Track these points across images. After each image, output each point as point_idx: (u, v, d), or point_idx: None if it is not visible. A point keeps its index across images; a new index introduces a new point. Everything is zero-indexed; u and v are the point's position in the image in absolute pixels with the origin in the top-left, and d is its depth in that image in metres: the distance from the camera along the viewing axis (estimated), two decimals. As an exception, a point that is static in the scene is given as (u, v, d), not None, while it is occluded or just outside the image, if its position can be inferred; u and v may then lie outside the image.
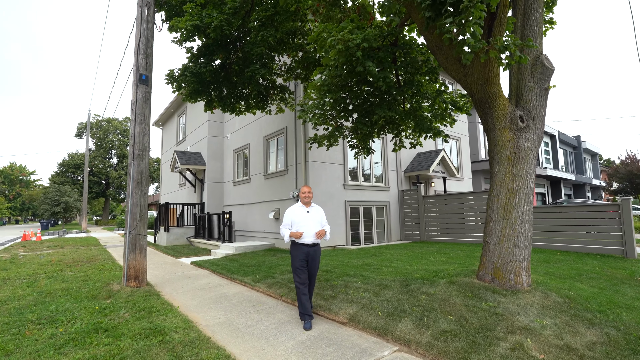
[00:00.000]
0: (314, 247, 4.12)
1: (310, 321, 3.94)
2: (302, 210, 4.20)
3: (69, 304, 5.01)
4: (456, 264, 6.41)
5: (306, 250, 4.05)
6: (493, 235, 4.47)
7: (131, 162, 6.10)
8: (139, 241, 5.95)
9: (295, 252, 4.09)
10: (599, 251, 7.56)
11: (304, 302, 3.97)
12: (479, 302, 3.90)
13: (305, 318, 3.95)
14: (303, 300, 3.98)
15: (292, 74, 7.91)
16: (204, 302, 5.20)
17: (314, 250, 4.11)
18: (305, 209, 4.21)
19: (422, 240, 11.39)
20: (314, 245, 4.13)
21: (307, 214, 4.17)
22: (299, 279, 4.00)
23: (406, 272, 5.63)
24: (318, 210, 4.31)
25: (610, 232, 7.76)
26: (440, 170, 12.99)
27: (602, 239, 7.75)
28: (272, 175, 11.48)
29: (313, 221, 4.13)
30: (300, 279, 4.00)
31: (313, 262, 4.11)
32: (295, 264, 4.04)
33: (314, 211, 4.25)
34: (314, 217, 4.17)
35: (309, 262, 4.08)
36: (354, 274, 5.87)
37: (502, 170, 4.39)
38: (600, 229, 7.89)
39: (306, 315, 3.95)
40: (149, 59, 6.51)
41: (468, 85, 4.15)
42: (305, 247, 4.06)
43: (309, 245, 4.07)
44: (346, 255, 8.28)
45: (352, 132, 5.98)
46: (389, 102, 5.01)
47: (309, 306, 4.01)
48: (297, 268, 4.02)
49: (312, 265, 4.11)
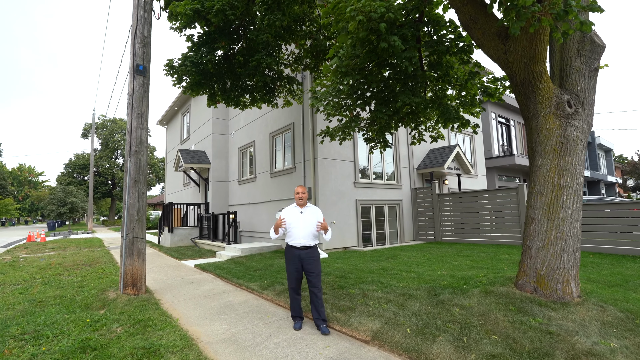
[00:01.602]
0: (306, 250, 3.83)
1: (300, 322, 3.92)
2: (295, 211, 3.98)
3: (60, 314, 4.55)
4: (484, 268, 5.83)
5: (297, 253, 3.84)
6: (535, 238, 3.89)
7: (128, 160, 5.63)
8: (136, 245, 5.47)
9: (287, 254, 3.94)
10: (635, 253, 6.92)
11: (293, 306, 3.95)
12: (525, 317, 3.34)
13: (296, 320, 3.94)
14: (294, 304, 3.95)
15: (300, 64, 7.37)
16: (206, 312, 4.70)
17: (306, 253, 3.83)
18: (298, 210, 3.99)
19: (437, 241, 10.80)
20: (307, 248, 3.84)
21: (300, 215, 3.93)
22: (289, 284, 3.94)
23: (430, 279, 5.07)
24: (313, 211, 4.01)
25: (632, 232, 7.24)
26: (455, 167, 12.36)
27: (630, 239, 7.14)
28: (279, 174, 10.97)
29: (305, 222, 3.87)
30: (291, 283, 3.90)
31: (309, 267, 3.82)
32: (288, 268, 3.93)
33: (308, 212, 3.97)
34: (306, 218, 3.91)
35: (303, 266, 3.84)
36: (372, 280, 5.32)
37: (546, 164, 3.81)
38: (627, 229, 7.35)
39: (297, 317, 3.94)
40: (146, 48, 6.03)
41: (509, 65, 3.57)
42: (296, 250, 3.85)
43: (299, 248, 3.84)
44: (359, 258, 7.74)
45: (368, 124, 5.41)
46: (412, 87, 4.43)
47: (300, 310, 3.97)
48: (289, 272, 3.91)
49: (309, 269, 3.82)
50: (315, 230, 3.86)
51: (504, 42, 3.43)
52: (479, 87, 4.85)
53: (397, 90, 4.47)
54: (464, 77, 4.72)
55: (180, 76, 6.69)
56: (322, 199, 9.17)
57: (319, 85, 4.64)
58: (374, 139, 5.73)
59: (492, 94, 4.92)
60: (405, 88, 4.45)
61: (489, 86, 4.92)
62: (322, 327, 3.73)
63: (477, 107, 5.13)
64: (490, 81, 4.89)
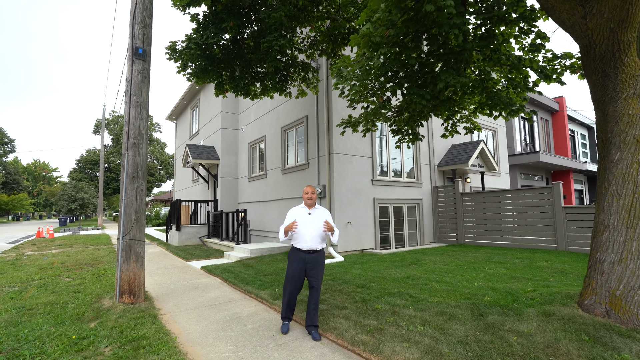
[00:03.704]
0: (312, 254, 3.66)
1: (288, 324, 3.77)
2: (304, 212, 3.78)
3: (46, 327, 4.03)
4: (526, 279, 5.10)
5: (303, 257, 3.64)
6: (609, 250, 3.17)
7: (125, 153, 5.06)
8: (134, 248, 4.91)
9: (291, 256, 3.74)
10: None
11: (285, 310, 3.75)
12: (606, 351, 2.63)
13: (285, 320, 3.78)
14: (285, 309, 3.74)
15: (316, 49, 6.70)
16: (210, 327, 4.11)
17: (312, 257, 3.65)
18: (306, 211, 3.79)
19: (460, 244, 10.04)
20: (313, 252, 3.66)
21: (308, 216, 3.73)
22: (286, 288, 3.69)
23: (468, 292, 4.37)
24: (322, 212, 3.84)
25: None
26: (479, 164, 11.54)
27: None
28: (291, 170, 10.34)
29: (313, 225, 3.68)
30: (289, 288, 3.66)
31: (313, 272, 3.64)
32: (289, 271, 3.69)
33: (316, 214, 3.78)
34: (315, 220, 3.71)
35: (307, 271, 3.65)
36: (398, 292, 4.65)
37: (626, 158, 3.07)
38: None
39: (285, 318, 3.78)
40: (146, 29, 5.44)
41: (587, 33, 2.84)
42: (302, 253, 3.65)
43: (306, 252, 3.65)
44: (379, 263, 7.06)
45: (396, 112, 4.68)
46: (455, 66, 3.69)
47: (291, 314, 3.80)
48: (290, 275, 3.66)
49: (312, 275, 3.64)
50: (323, 232, 3.68)
51: (583, 4, 2.70)
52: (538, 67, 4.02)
53: (438, 70, 3.74)
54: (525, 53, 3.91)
55: (184, 62, 6.10)
56: (338, 198, 8.51)
57: (343, 64, 3.94)
58: (402, 130, 5.01)
59: (549, 75, 4.12)
60: (448, 66, 3.72)
61: (544, 66, 4.12)
62: (314, 332, 3.64)
63: (531, 90, 4.33)
64: (547, 60, 4.11)
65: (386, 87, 4.16)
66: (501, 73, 4.29)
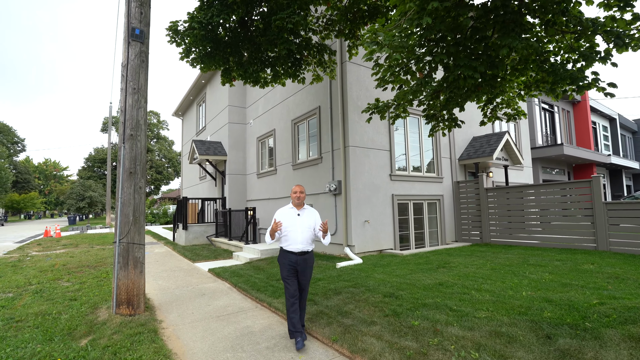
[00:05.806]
0: (303, 256, 3.57)
1: (302, 340, 3.38)
2: (292, 213, 3.67)
3: (32, 345, 3.52)
4: (582, 287, 4.40)
5: (294, 259, 3.55)
6: None
7: (121, 146, 4.50)
8: (132, 253, 4.36)
9: (281, 260, 3.63)
10: None
11: (293, 320, 3.45)
12: None
13: (296, 336, 3.43)
14: (292, 317, 3.46)
15: (332, 30, 6.04)
16: (218, 345, 3.54)
17: (303, 259, 3.57)
18: (295, 212, 3.68)
19: (485, 243, 9.33)
20: (304, 254, 3.58)
21: (297, 218, 3.62)
22: (288, 291, 3.52)
23: (519, 305, 3.71)
24: (311, 213, 3.73)
25: None
26: (503, 157, 10.77)
27: None
28: (302, 165, 9.73)
29: (302, 226, 3.59)
30: (290, 291, 3.50)
31: (303, 274, 3.58)
32: (282, 273, 3.61)
33: (305, 214, 3.68)
34: (304, 221, 3.62)
35: (298, 272, 3.57)
36: (434, 303, 4.01)
37: None
38: None
39: (296, 332, 3.44)
40: (144, 7, 4.86)
41: None
42: (293, 256, 3.55)
43: (296, 254, 3.55)
44: (402, 266, 6.42)
45: (432, 94, 3.97)
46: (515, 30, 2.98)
47: (299, 324, 3.49)
48: (285, 278, 3.56)
49: (302, 277, 3.59)
50: (314, 233, 3.64)
51: None
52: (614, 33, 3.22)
53: (493, 36, 3.05)
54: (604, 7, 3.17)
55: (188, 46, 5.51)
56: (354, 195, 7.88)
57: (374, 31, 3.25)
58: (437, 116, 4.32)
59: (626, 42, 3.31)
60: (507, 29, 3.02)
61: (617, 31, 3.32)
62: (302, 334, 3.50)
63: (603, 61, 3.52)
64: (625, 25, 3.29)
65: (426, 60, 3.45)
66: (561, 42, 3.55)
